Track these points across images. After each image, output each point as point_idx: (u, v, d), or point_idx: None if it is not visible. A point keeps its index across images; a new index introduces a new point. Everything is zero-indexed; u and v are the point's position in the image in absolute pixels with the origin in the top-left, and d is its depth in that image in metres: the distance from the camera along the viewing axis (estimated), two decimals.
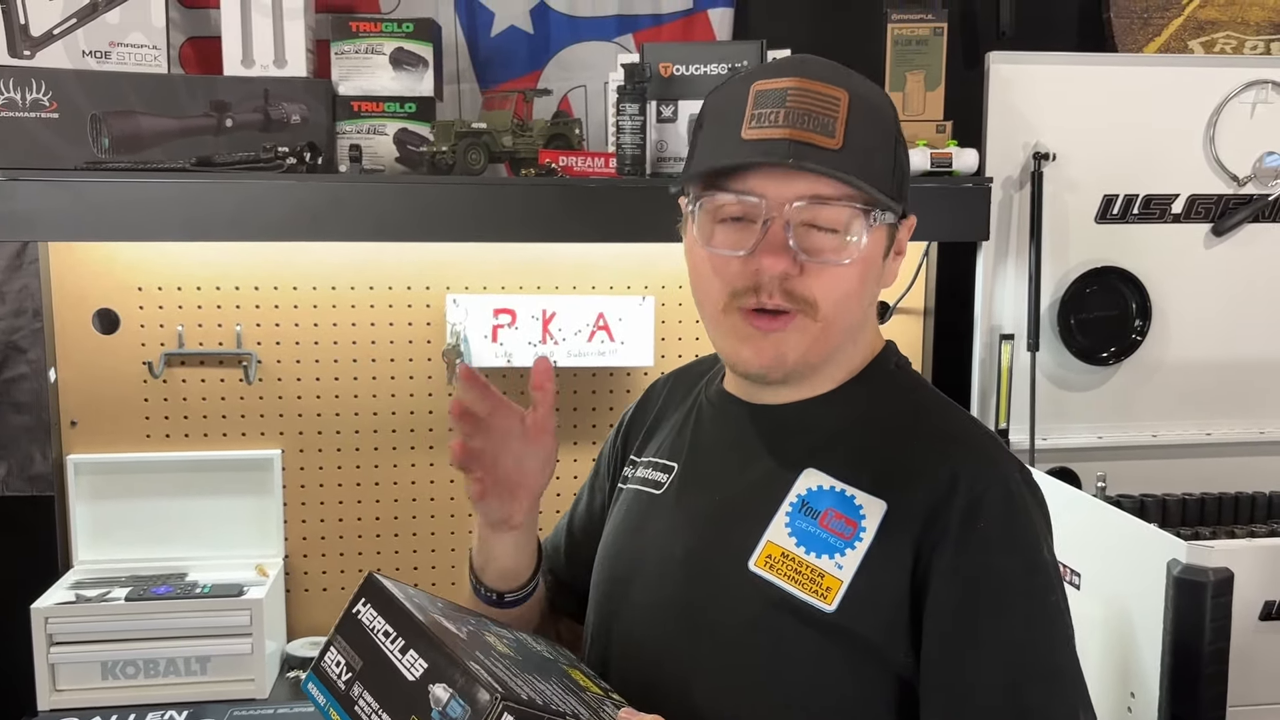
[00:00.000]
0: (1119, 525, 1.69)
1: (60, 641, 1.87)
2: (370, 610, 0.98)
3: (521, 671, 0.98)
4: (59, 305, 2.03)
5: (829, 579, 1.04)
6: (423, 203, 1.85)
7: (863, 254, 1.05)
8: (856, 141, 1.02)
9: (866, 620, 1.03)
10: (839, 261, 1.04)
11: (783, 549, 1.07)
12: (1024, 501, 1.06)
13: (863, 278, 1.07)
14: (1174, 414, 2.32)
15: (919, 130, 2.03)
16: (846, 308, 1.07)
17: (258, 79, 1.90)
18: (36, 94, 1.82)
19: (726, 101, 1.07)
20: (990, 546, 1.03)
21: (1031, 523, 1.06)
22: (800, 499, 1.09)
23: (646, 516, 1.18)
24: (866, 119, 1.04)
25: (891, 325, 2.23)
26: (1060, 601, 1.05)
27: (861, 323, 1.13)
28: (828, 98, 1.03)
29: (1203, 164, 2.26)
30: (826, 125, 1.02)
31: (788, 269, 1.03)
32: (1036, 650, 1.03)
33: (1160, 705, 1.54)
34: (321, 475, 2.14)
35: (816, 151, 1.01)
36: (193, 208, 1.81)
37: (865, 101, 1.04)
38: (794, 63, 1.07)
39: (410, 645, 0.93)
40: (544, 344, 2.11)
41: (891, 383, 1.16)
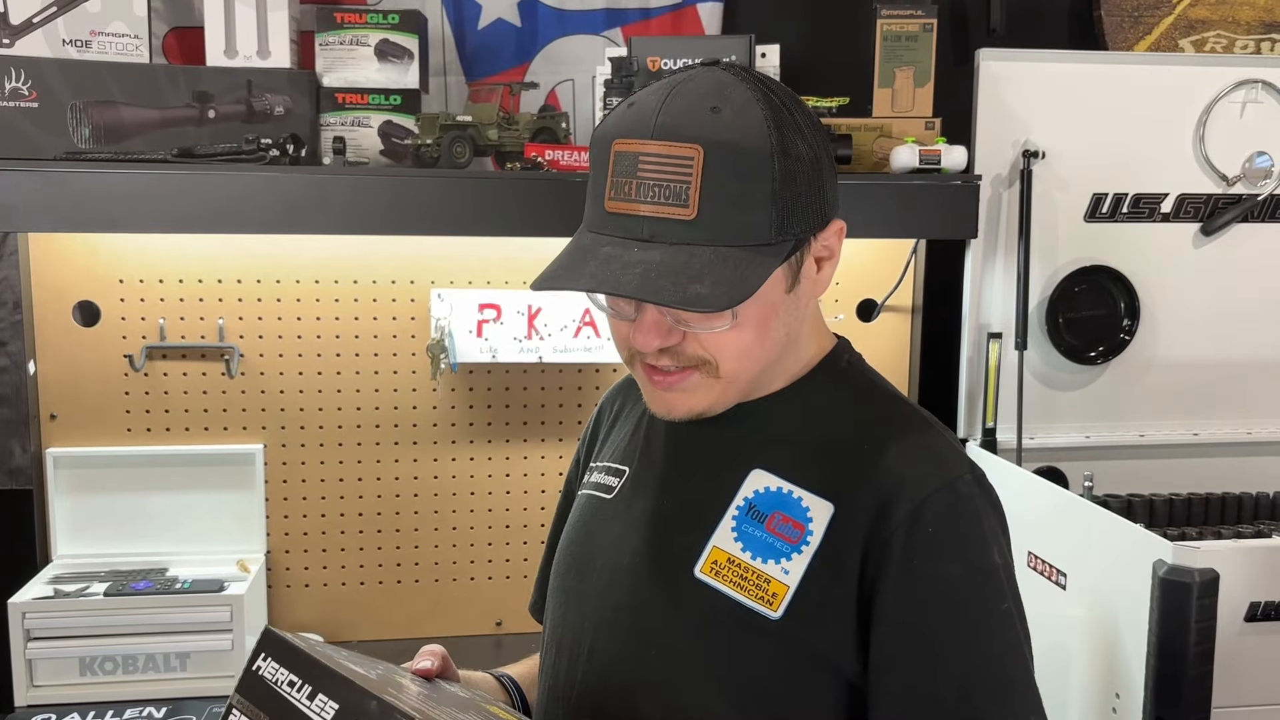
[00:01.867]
0: (1105, 525, 1.68)
1: (38, 637, 1.85)
2: (271, 664, 0.93)
3: (438, 705, 0.95)
4: (39, 297, 2.01)
5: (775, 584, 1.03)
6: (407, 196, 1.83)
7: (747, 312, 1.01)
8: (714, 200, 0.97)
9: (813, 627, 1.02)
10: (719, 329, 1.01)
11: (729, 554, 1.06)
12: (974, 504, 1.04)
13: (759, 327, 1.03)
14: (1162, 414, 2.31)
15: (908, 127, 2.02)
16: (748, 359, 1.05)
17: (241, 70, 1.88)
18: (16, 83, 1.80)
19: (597, 154, 1.03)
20: (938, 551, 1.01)
21: (980, 526, 1.03)
22: (748, 501, 1.07)
23: (596, 521, 1.17)
24: (726, 170, 0.97)
25: (878, 323, 2.22)
26: (1012, 608, 1.03)
27: (781, 348, 1.08)
28: (680, 161, 0.97)
29: (1192, 163, 2.25)
30: (679, 193, 0.97)
31: (664, 342, 1.02)
32: (986, 660, 1.01)
33: (1145, 706, 1.54)
34: (304, 470, 2.12)
35: (670, 227, 0.97)
36: (174, 199, 1.78)
37: (724, 148, 0.97)
38: (651, 111, 0.99)
39: (318, 689, 0.90)
40: (529, 339, 2.10)
41: (842, 381, 1.14)
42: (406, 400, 2.13)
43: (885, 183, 1.97)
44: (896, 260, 2.20)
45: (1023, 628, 1.04)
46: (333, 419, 2.12)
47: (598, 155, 1.03)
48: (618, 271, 0.97)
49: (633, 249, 0.98)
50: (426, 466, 2.16)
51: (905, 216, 1.96)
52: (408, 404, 2.14)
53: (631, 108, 1.02)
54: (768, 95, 1.00)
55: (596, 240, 1.01)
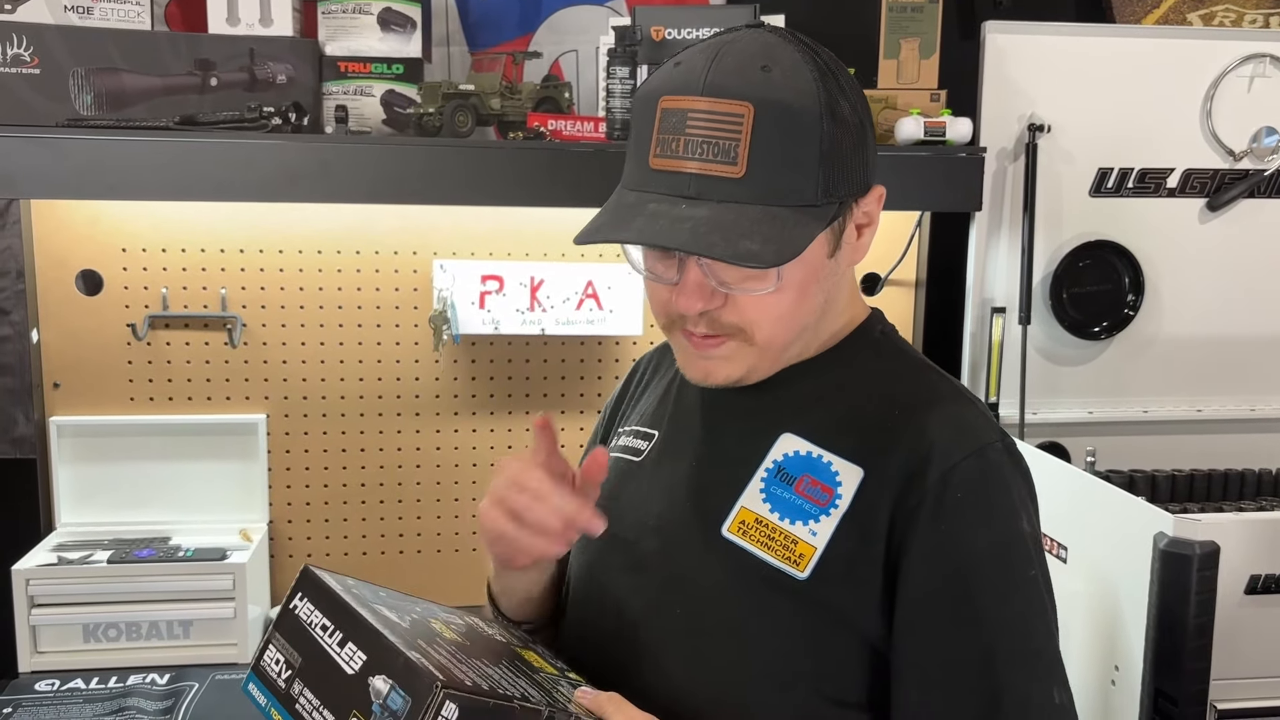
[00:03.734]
0: (1106, 499, 1.68)
1: (41, 603, 1.86)
2: (307, 604, 0.94)
3: (468, 658, 0.95)
4: (42, 266, 2.01)
5: (802, 545, 1.03)
6: (409, 165, 1.83)
7: (790, 274, 1.00)
8: (764, 160, 0.97)
9: (839, 588, 1.01)
10: (764, 290, 1.01)
11: (756, 515, 1.06)
12: (1002, 472, 1.03)
13: (799, 293, 1.03)
14: (1165, 390, 2.31)
15: (913, 99, 2.01)
16: (784, 326, 1.04)
17: (243, 38, 1.88)
18: (17, 49, 1.79)
19: (641, 111, 1.02)
20: (966, 517, 1.00)
21: (1010, 493, 1.03)
22: (776, 464, 1.07)
23: (624, 483, 1.17)
24: (776, 128, 0.96)
25: (882, 297, 2.22)
26: (1039, 576, 1.03)
27: (818, 315, 1.08)
28: (730, 118, 0.96)
29: (1199, 138, 2.24)
30: (728, 151, 0.96)
31: (705, 305, 1.02)
32: (1012, 628, 1.00)
33: (1144, 679, 1.54)
34: (306, 440, 2.12)
35: (718, 185, 0.96)
36: (177, 167, 1.78)
37: (775, 107, 0.96)
38: (703, 68, 0.98)
39: (349, 637, 0.90)
40: (532, 311, 2.10)
41: (874, 350, 1.13)
42: (409, 371, 2.13)
43: (889, 154, 1.96)
44: (900, 234, 2.19)
45: (1049, 596, 1.04)
46: (335, 389, 2.12)
47: (643, 112, 1.01)
48: (666, 227, 0.96)
49: (679, 205, 0.97)
50: (428, 437, 2.16)
51: (909, 189, 1.95)
52: (410, 375, 2.14)
53: (678, 66, 1.01)
54: (815, 57, 0.99)
55: (640, 198, 0.99)
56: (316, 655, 0.91)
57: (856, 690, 1.03)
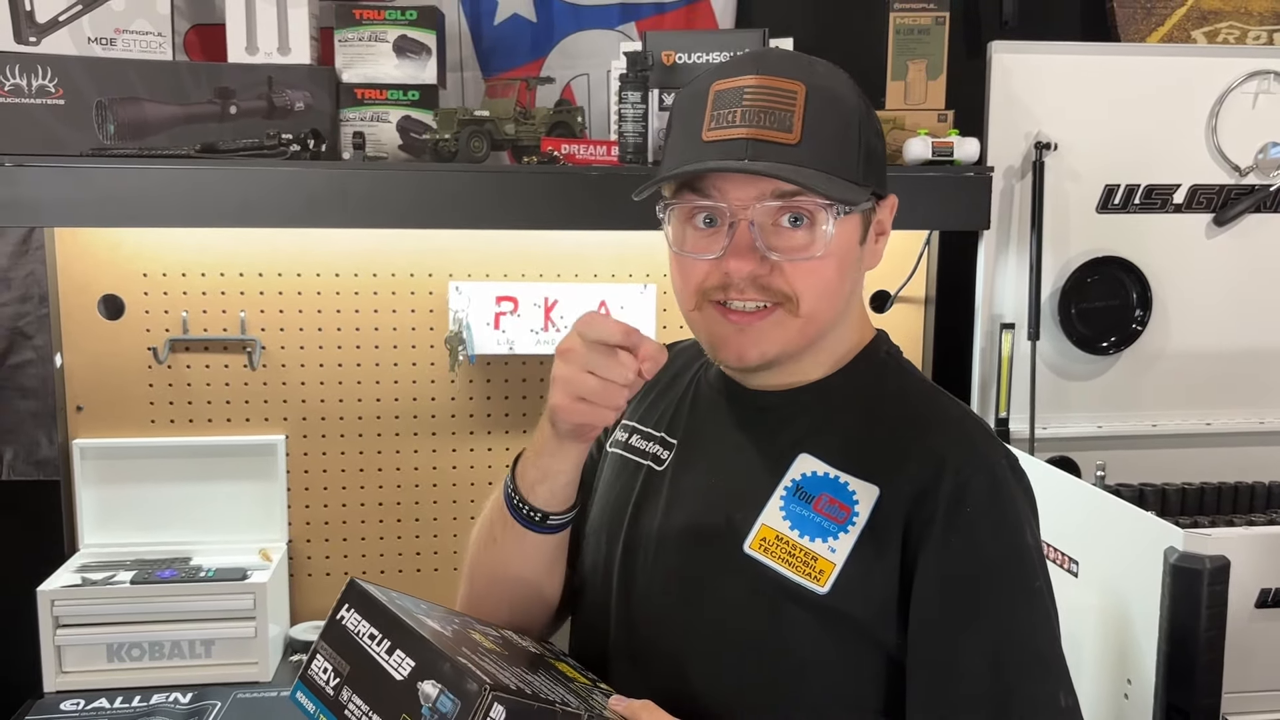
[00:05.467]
0: (1117, 513, 1.70)
1: (66, 624, 1.89)
2: (354, 615, 0.98)
3: (509, 665, 0.99)
4: (65, 291, 2.04)
5: (822, 562, 1.07)
6: (425, 190, 1.86)
7: (834, 245, 1.07)
8: (815, 133, 1.04)
9: (857, 601, 1.06)
10: (810, 255, 1.06)
11: (777, 532, 1.09)
12: (1009, 487, 1.08)
13: (840, 267, 1.09)
14: (1174, 404, 2.32)
15: (920, 119, 2.03)
16: (828, 299, 1.09)
17: (262, 66, 1.91)
18: (43, 80, 1.83)
19: (689, 103, 1.09)
20: (976, 530, 1.05)
21: (1016, 508, 1.08)
22: (795, 484, 1.11)
23: (646, 493, 1.20)
24: (826, 109, 1.05)
25: (892, 314, 2.24)
26: (1044, 587, 1.07)
27: (845, 311, 1.14)
28: (784, 92, 1.04)
29: (1204, 154, 2.26)
30: (784, 120, 1.03)
31: (755, 270, 1.06)
32: (1019, 634, 1.05)
33: (1156, 692, 1.55)
34: (325, 461, 2.15)
35: (775, 148, 1.03)
36: (197, 194, 1.81)
37: (824, 91, 1.05)
38: (752, 59, 1.08)
39: (396, 645, 0.94)
40: (546, 331, 2.12)
41: (882, 371, 1.18)
42: (425, 391, 2.16)
43: (898, 174, 1.98)
44: (910, 251, 2.22)
45: (1053, 606, 1.08)
46: (353, 410, 2.15)
47: (693, 100, 1.08)
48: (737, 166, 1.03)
49: (741, 162, 1.03)
50: (445, 456, 2.19)
51: (918, 208, 1.98)
52: (426, 395, 2.16)
53: (725, 65, 1.10)
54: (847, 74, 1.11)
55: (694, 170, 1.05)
56: (364, 663, 0.94)
57: (875, 697, 1.07)
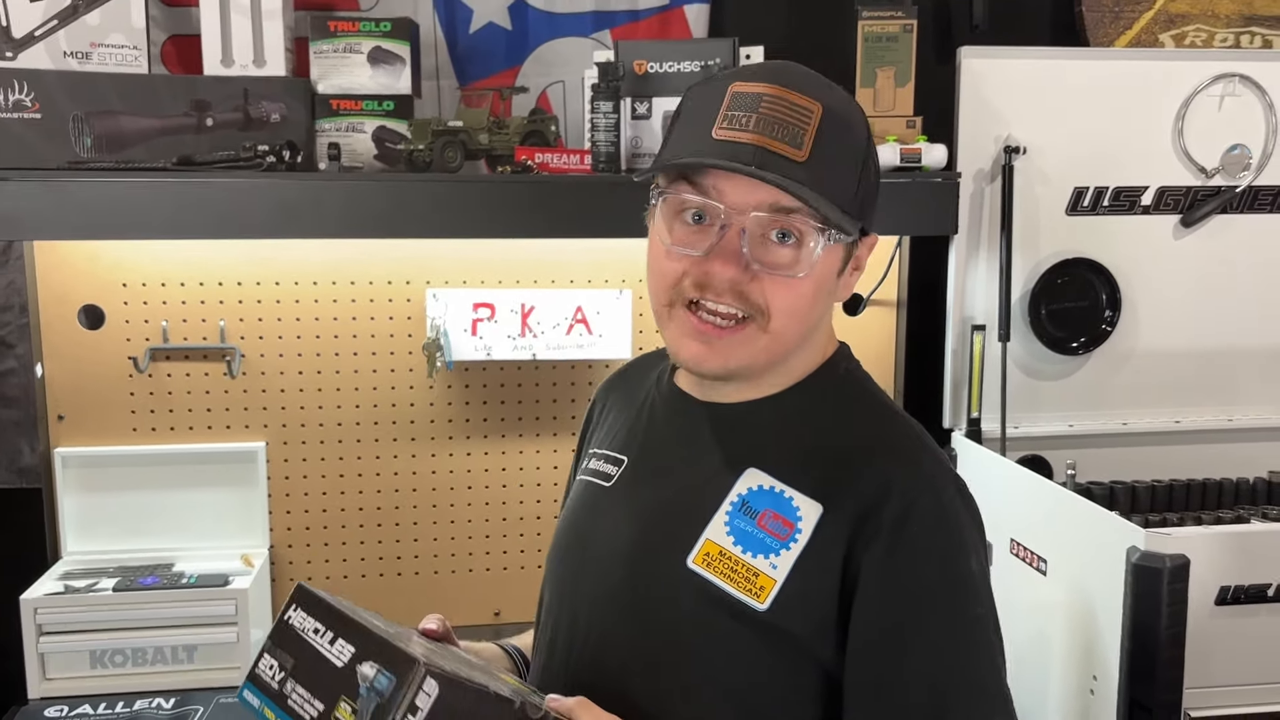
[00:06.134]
0: (1083, 513, 1.73)
1: (49, 631, 1.91)
2: (300, 613, 1.02)
3: (446, 658, 1.02)
4: (45, 301, 2.06)
5: (763, 578, 1.07)
6: (401, 200, 1.88)
7: (817, 269, 1.07)
8: (823, 156, 1.04)
9: (797, 618, 1.06)
10: (792, 274, 1.06)
11: (720, 547, 1.09)
12: (955, 512, 1.08)
13: (816, 292, 1.09)
14: (1144, 402, 2.35)
15: (889, 126, 2.06)
16: (798, 320, 1.09)
17: (237, 78, 1.93)
18: (19, 95, 1.85)
19: (704, 98, 1.08)
20: (917, 554, 1.05)
21: (961, 534, 1.07)
22: (741, 498, 1.11)
23: (595, 508, 1.22)
24: (837, 135, 1.05)
25: (864, 317, 2.26)
26: (986, 615, 1.07)
27: (811, 336, 1.14)
28: (801, 109, 1.04)
29: (1172, 156, 2.29)
30: (795, 136, 1.03)
31: (736, 275, 1.06)
32: (958, 660, 1.05)
33: (1120, 688, 1.58)
34: (305, 467, 2.17)
35: (782, 162, 1.03)
36: (175, 206, 1.83)
37: (839, 118, 1.06)
38: (776, 69, 1.08)
39: (339, 635, 0.98)
40: (523, 337, 2.15)
41: (839, 388, 1.18)
42: (404, 397, 2.19)
43: None
44: (881, 256, 2.24)
45: (996, 635, 1.08)
46: (332, 416, 2.17)
47: (708, 95, 1.08)
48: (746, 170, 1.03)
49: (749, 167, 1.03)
50: (424, 462, 2.21)
51: (887, 214, 1.99)
52: (405, 401, 2.19)
53: (747, 67, 1.16)
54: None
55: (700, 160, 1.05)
56: (308, 655, 0.99)
57: (812, 714, 1.07)
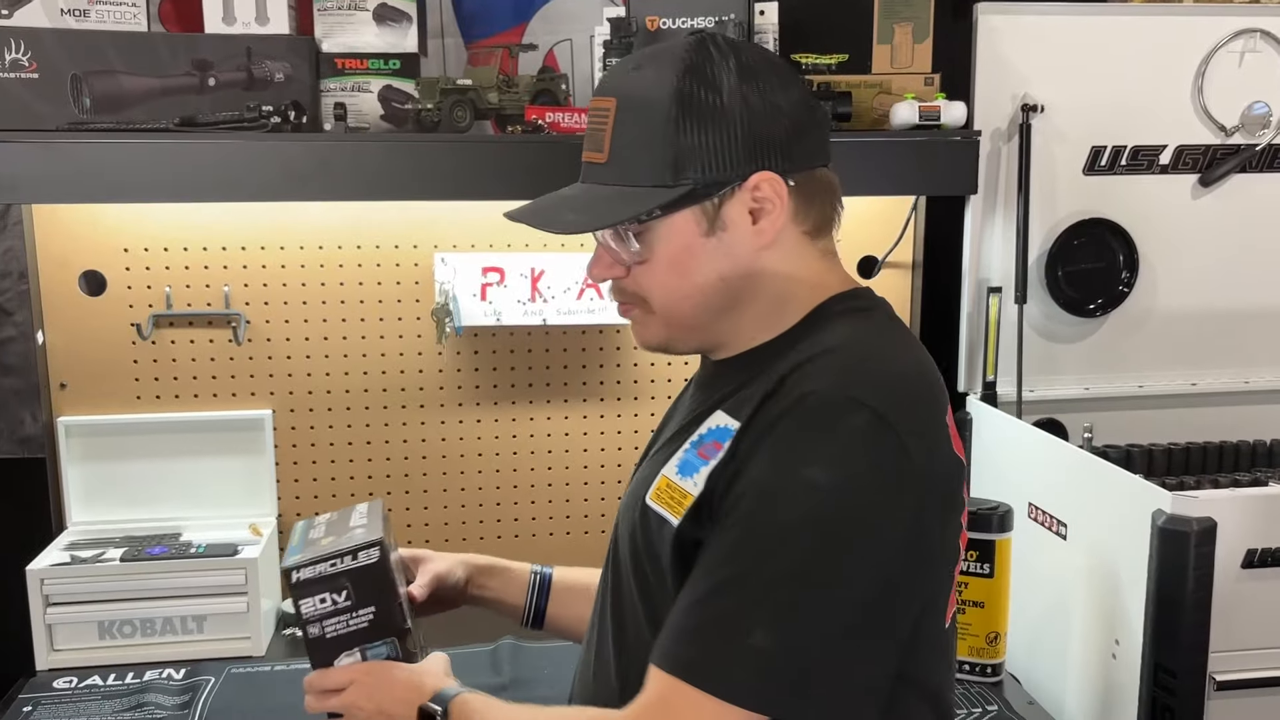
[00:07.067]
0: (1105, 476, 1.71)
1: (57, 602, 1.88)
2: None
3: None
4: (44, 267, 2.02)
5: (686, 496, 1.09)
6: (409, 161, 1.84)
7: (661, 247, 1.11)
8: (619, 148, 1.11)
9: (703, 525, 1.07)
10: (637, 261, 1.13)
11: (667, 479, 1.13)
12: (830, 421, 1.01)
13: (676, 267, 1.12)
14: (1160, 364, 2.33)
15: (907, 83, 2.02)
16: (674, 296, 1.13)
17: (240, 37, 1.88)
18: (15, 54, 1.80)
19: None
20: (775, 449, 1.03)
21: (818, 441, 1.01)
22: (700, 437, 1.13)
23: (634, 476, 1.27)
24: (630, 120, 1.10)
25: (879, 279, 2.23)
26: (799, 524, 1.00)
27: (729, 295, 1.13)
28: (601, 111, 1.12)
29: (1191, 114, 2.26)
30: (599, 140, 1.12)
31: (605, 275, 1.16)
32: (745, 554, 1.01)
33: (1144, 652, 1.57)
34: (313, 434, 2.14)
35: (593, 169, 1.14)
36: (177, 168, 1.79)
37: (631, 101, 1.10)
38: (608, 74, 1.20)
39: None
40: (533, 302, 2.11)
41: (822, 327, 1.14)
42: (412, 364, 2.15)
43: (884, 139, 1.97)
44: (896, 217, 2.21)
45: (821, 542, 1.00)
46: (340, 383, 2.14)
47: None
48: (532, 205, 1.18)
49: (574, 188, 1.16)
50: (433, 429, 2.18)
51: (905, 173, 1.97)
52: (414, 367, 2.15)
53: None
54: (704, 55, 1.09)
55: (512, 212, 1.20)
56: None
57: None
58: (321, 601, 1.23)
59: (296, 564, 1.23)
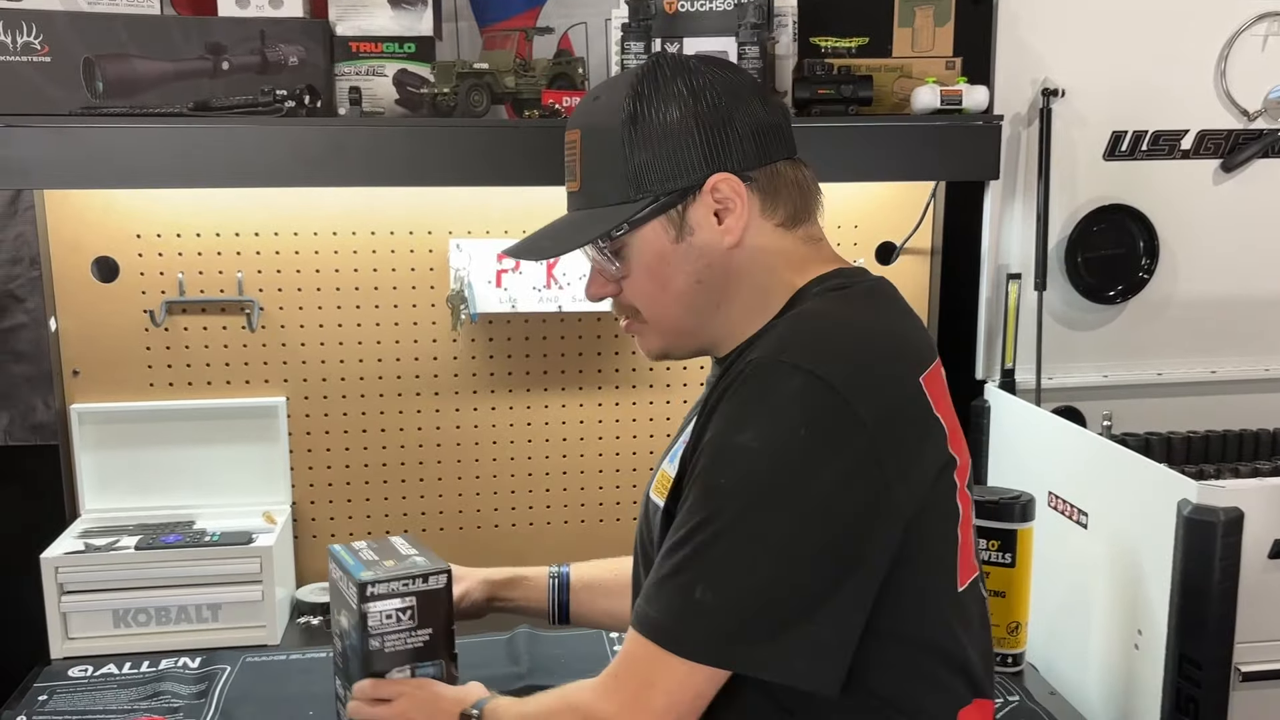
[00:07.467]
0: (1128, 465, 1.69)
1: (71, 590, 1.87)
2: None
3: None
4: (57, 253, 2.00)
5: (670, 481, 1.17)
6: (425, 146, 1.82)
7: (636, 260, 1.18)
8: (587, 175, 1.19)
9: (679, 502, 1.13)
10: (622, 276, 1.20)
11: (663, 470, 1.22)
12: (775, 387, 1.05)
13: (653, 275, 1.18)
14: (1179, 352, 2.32)
15: (928, 67, 2.00)
16: (659, 305, 1.20)
17: (253, 20, 1.85)
18: (28, 37, 1.78)
19: None
20: (720, 417, 1.09)
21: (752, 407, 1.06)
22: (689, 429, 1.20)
23: None
24: (592, 147, 1.18)
25: (898, 266, 2.21)
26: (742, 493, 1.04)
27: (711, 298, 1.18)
28: (571, 144, 1.21)
29: (1213, 99, 2.24)
30: (573, 170, 1.21)
31: (600, 293, 1.25)
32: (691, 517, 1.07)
33: (1168, 643, 1.56)
34: (327, 422, 2.13)
35: (571, 198, 1.23)
36: (190, 153, 1.77)
37: (591, 130, 1.18)
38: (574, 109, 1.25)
39: None
40: (549, 288, 2.10)
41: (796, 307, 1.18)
42: (427, 351, 2.14)
43: (905, 124, 1.95)
44: (915, 202, 2.19)
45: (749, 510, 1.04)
46: (354, 370, 2.12)
47: None
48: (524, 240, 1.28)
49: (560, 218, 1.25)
50: (448, 416, 2.17)
51: (926, 159, 1.95)
52: (428, 354, 2.14)
53: None
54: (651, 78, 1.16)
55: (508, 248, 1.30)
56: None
57: None
58: (388, 617, 1.35)
59: (372, 579, 1.36)
